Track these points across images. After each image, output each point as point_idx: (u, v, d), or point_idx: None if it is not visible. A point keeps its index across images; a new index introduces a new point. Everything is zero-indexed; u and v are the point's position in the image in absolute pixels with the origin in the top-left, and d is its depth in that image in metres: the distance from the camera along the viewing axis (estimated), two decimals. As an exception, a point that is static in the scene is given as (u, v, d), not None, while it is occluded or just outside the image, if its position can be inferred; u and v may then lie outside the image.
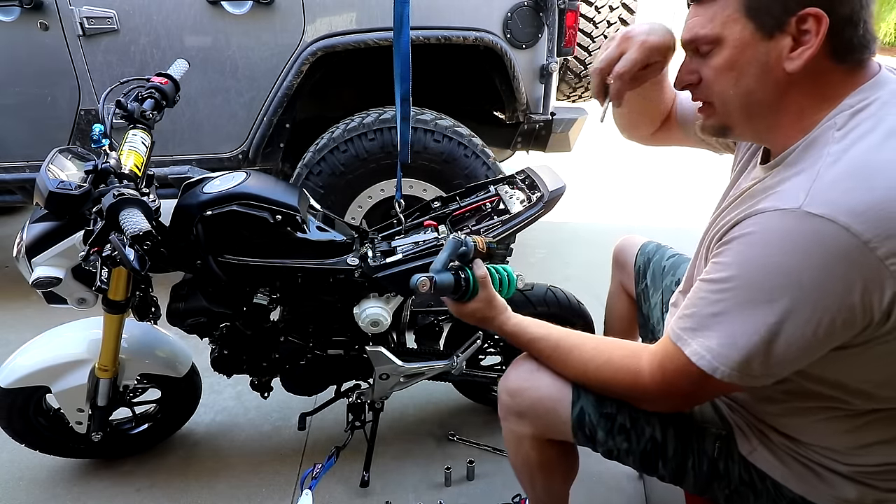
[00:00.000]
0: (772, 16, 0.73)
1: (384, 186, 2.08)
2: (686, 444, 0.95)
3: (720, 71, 0.79)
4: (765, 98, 0.77)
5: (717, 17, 0.77)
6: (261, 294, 1.31)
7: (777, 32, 0.73)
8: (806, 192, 0.69)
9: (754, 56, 0.75)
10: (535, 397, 0.98)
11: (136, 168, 1.16)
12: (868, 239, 0.66)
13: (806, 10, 0.70)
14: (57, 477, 1.59)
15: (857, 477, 0.85)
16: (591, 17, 2.64)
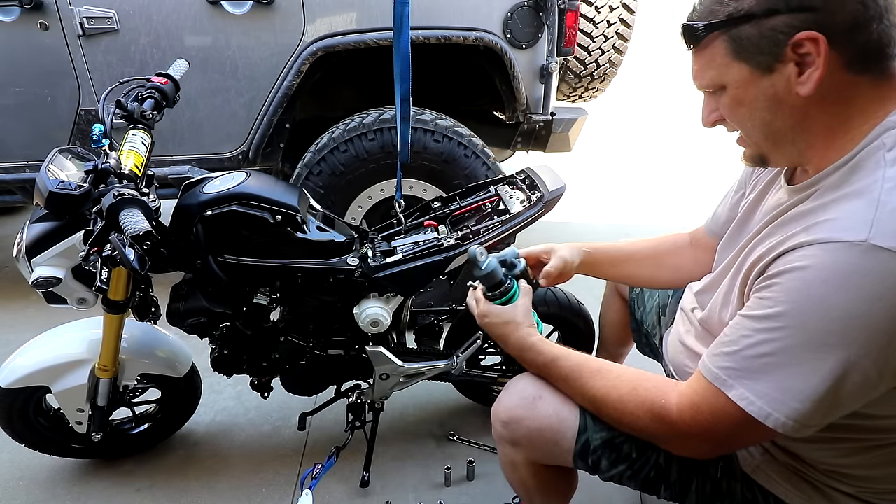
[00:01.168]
0: (762, 53, 0.70)
1: (384, 186, 2.08)
2: (689, 466, 0.92)
3: (732, 109, 0.77)
4: (784, 125, 0.74)
5: (711, 65, 0.76)
6: (261, 294, 1.31)
7: (776, 64, 0.70)
8: (870, 222, 0.62)
9: (760, 92, 0.73)
10: (535, 427, 0.93)
11: (136, 168, 1.16)
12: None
13: (796, 37, 0.67)
14: (57, 477, 1.59)
15: (862, 496, 0.83)
16: (591, 17, 2.64)
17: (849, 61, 0.68)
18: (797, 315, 0.66)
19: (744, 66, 0.72)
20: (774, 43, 0.68)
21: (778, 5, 0.68)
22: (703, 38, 0.75)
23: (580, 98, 3.05)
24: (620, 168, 4.68)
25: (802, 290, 0.66)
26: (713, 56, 0.75)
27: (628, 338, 1.50)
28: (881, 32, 0.67)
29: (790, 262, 0.68)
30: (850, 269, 0.63)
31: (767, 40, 0.69)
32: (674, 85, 8.94)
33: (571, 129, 2.41)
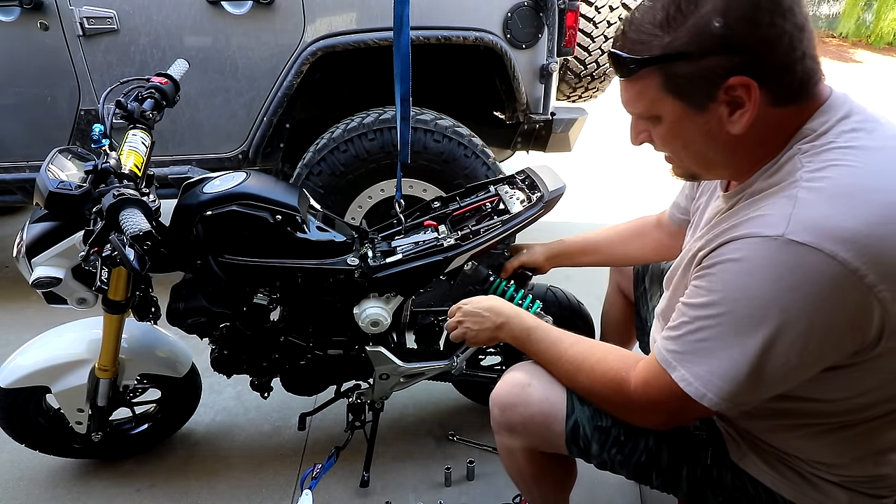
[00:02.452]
0: (696, 91, 0.71)
1: (384, 186, 2.07)
2: (680, 453, 0.94)
3: (665, 139, 0.79)
4: (717, 156, 0.78)
5: (643, 97, 0.76)
6: (261, 294, 1.31)
7: (709, 103, 0.72)
8: (787, 218, 0.67)
9: (693, 127, 0.75)
10: (527, 413, 0.97)
11: (136, 168, 1.16)
12: (856, 267, 0.64)
13: (730, 81, 0.69)
14: (57, 477, 1.59)
15: (848, 484, 0.85)
16: (591, 17, 2.64)
17: (775, 99, 0.71)
18: (726, 303, 0.72)
19: (677, 102, 0.74)
20: (709, 84, 0.70)
21: (712, 46, 0.68)
22: (635, 70, 0.74)
23: (580, 98, 3.05)
24: (620, 168, 4.68)
25: (729, 280, 0.72)
26: (646, 89, 0.75)
27: (631, 336, 1.50)
28: (804, 69, 0.70)
29: (720, 255, 0.73)
30: (769, 262, 0.68)
31: (702, 80, 0.70)
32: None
33: (571, 129, 2.41)
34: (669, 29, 0.70)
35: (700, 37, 0.68)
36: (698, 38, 0.68)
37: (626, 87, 0.78)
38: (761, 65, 0.68)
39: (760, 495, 0.91)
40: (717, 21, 0.67)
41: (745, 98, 0.69)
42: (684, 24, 0.69)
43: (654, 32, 0.71)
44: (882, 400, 0.77)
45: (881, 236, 0.65)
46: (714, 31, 0.67)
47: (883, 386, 0.76)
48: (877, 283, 0.65)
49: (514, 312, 1.06)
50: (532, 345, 1.01)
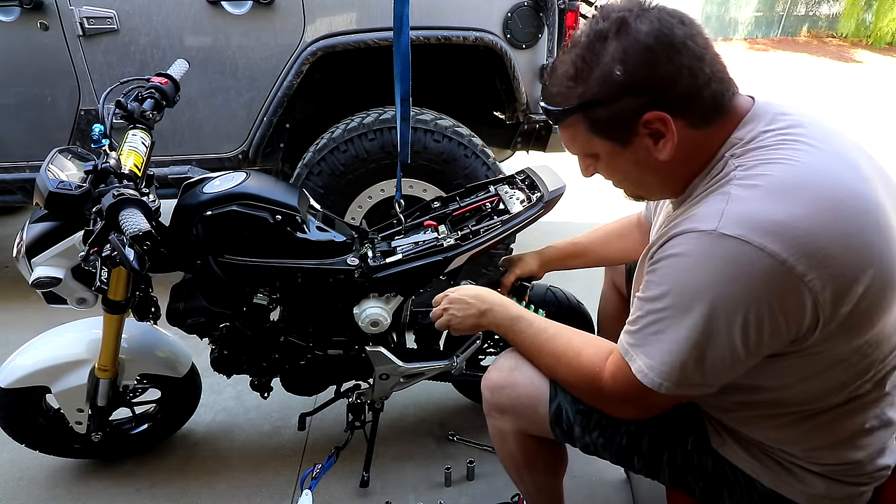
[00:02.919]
0: (617, 130, 0.79)
1: (384, 186, 2.07)
2: (661, 437, 0.97)
3: (607, 172, 0.88)
4: (653, 180, 0.86)
5: (576, 140, 0.85)
6: (261, 294, 1.31)
7: (632, 138, 0.79)
8: (720, 213, 0.72)
9: (625, 159, 0.83)
10: (514, 395, 1.01)
11: (136, 168, 1.16)
12: (784, 258, 0.68)
13: (643, 118, 0.76)
14: (57, 477, 1.59)
15: (824, 472, 0.87)
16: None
17: (693, 123, 0.77)
18: (670, 294, 0.76)
19: (605, 141, 0.81)
20: (625, 122, 0.77)
21: (619, 91, 0.75)
22: (562, 119, 0.83)
23: (580, 98, 3.04)
24: (620, 168, 4.68)
25: (671, 273, 0.77)
26: (575, 133, 0.83)
27: None
28: (714, 92, 0.76)
29: (665, 251, 0.78)
30: (704, 255, 0.73)
31: (618, 121, 0.78)
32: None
33: (571, 130, 2.41)
34: (580, 81, 0.78)
35: (606, 85, 0.76)
36: (605, 87, 0.76)
37: (561, 133, 0.87)
38: (668, 99, 0.75)
39: (740, 482, 0.93)
40: (618, 70, 0.74)
41: (664, 129, 0.76)
42: (591, 75, 0.77)
43: (568, 85, 0.80)
44: (838, 386, 0.80)
45: (808, 228, 0.68)
46: (617, 79, 0.75)
47: (831, 372, 0.78)
48: (806, 272, 0.68)
49: (499, 301, 1.08)
50: (515, 334, 1.04)
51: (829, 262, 0.69)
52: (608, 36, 0.75)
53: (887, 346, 0.78)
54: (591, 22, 0.79)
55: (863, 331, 0.74)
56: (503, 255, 2.23)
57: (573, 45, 0.80)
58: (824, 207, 0.70)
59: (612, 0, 0.80)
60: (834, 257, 0.69)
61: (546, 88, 0.85)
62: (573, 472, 1.58)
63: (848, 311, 0.71)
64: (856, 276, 0.70)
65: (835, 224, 0.69)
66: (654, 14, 0.75)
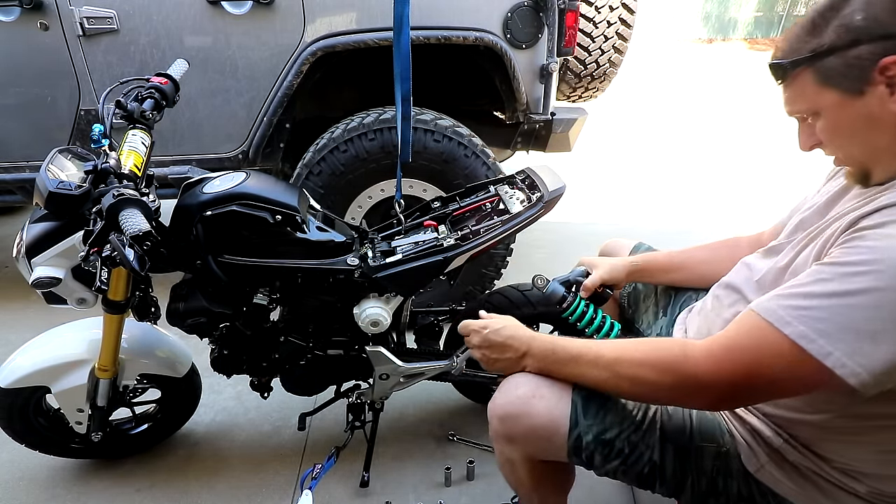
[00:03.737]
0: (850, 78, 0.74)
1: (384, 186, 2.07)
2: (685, 463, 0.93)
3: (830, 134, 0.80)
4: (884, 142, 0.76)
5: (802, 94, 0.80)
6: (261, 294, 1.31)
7: (866, 87, 0.73)
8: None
9: (855, 114, 0.76)
10: (529, 425, 0.94)
11: (136, 168, 1.16)
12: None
13: (882, 63, 0.70)
14: (57, 477, 1.59)
15: (872, 498, 0.84)
16: (591, 17, 2.64)
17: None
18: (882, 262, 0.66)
19: (834, 92, 0.76)
20: (861, 70, 0.73)
21: (859, 37, 0.72)
22: (789, 73, 0.79)
23: (580, 98, 3.05)
24: (620, 168, 4.68)
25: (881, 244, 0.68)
26: (802, 87, 0.79)
27: None
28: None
29: (876, 219, 0.70)
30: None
31: (854, 68, 0.73)
32: (673, 85, 8.93)
33: (571, 129, 2.41)
34: (816, 32, 0.75)
35: (845, 32, 0.72)
36: (843, 34, 0.72)
37: (784, 91, 0.83)
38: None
39: (768, 503, 0.91)
40: (859, 16, 0.71)
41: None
42: (828, 26, 0.74)
43: (803, 38, 0.77)
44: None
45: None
46: (857, 25, 0.71)
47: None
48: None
49: (530, 335, 0.99)
50: (558, 358, 0.95)
51: None
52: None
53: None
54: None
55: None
56: (503, 255, 2.25)
57: (813, 8, 0.77)
58: None
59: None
60: None
61: (777, 47, 0.81)
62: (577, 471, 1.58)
63: None
64: None
65: None
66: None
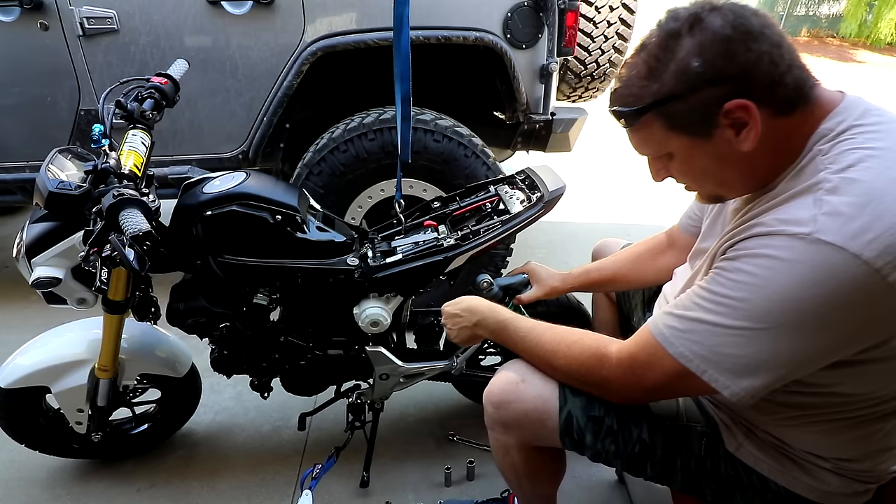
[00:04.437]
0: (696, 123, 0.75)
1: (384, 186, 2.07)
2: (674, 444, 0.96)
3: (683, 173, 0.84)
4: (734, 175, 0.80)
5: (650, 139, 0.81)
6: (261, 294, 1.31)
7: (713, 130, 0.75)
8: (814, 217, 0.69)
9: (705, 154, 0.79)
10: (521, 410, 0.98)
11: (136, 168, 1.16)
12: (880, 267, 0.66)
13: (725, 107, 0.72)
14: (57, 477, 1.59)
15: (841, 472, 0.88)
16: (591, 17, 2.64)
17: (776, 111, 0.74)
18: (748, 295, 0.73)
19: (682, 136, 0.78)
20: (706, 114, 0.74)
21: (698, 82, 0.72)
22: (635, 120, 0.79)
23: (580, 98, 3.05)
24: (620, 168, 4.68)
25: (752, 272, 0.73)
26: (650, 133, 0.80)
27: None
28: (795, 78, 0.73)
29: (745, 248, 0.74)
30: (795, 258, 0.69)
31: (698, 113, 0.74)
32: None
33: (571, 129, 2.41)
34: (654, 78, 0.75)
35: (684, 78, 0.73)
36: (683, 80, 0.73)
37: (632, 135, 0.84)
38: (750, 86, 0.72)
39: (754, 483, 0.93)
40: (695, 62, 0.72)
41: (746, 117, 0.73)
42: (666, 70, 0.74)
43: (642, 84, 0.77)
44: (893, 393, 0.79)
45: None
46: (695, 70, 0.72)
47: None
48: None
49: (488, 308, 1.09)
50: (509, 335, 1.04)
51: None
52: (681, 33, 0.73)
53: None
54: (659, 24, 0.77)
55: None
56: (503, 255, 2.25)
57: (642, 48, 0.78)
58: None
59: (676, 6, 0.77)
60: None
61: (615, 92, 0.81)
62: (574, 473, 1.58)
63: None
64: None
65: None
66: (726, 8, 0.73)
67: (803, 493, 0.90)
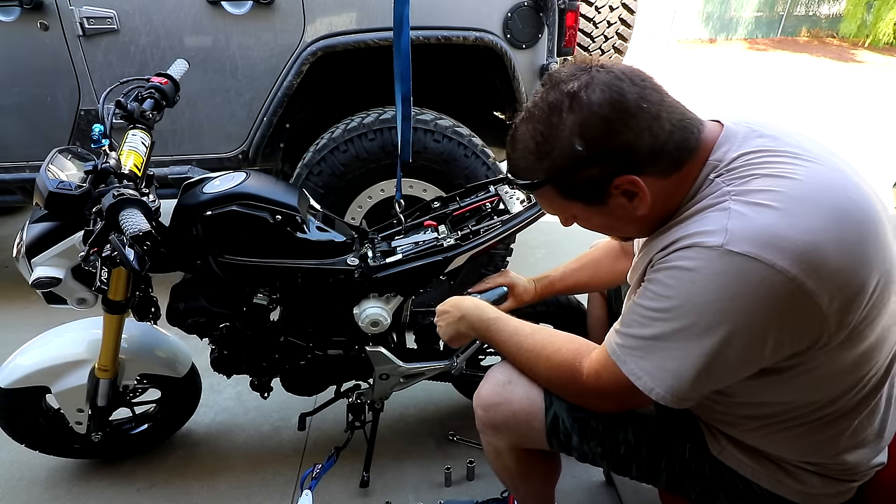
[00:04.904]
0: (589, 194, 0.80)
1: (384, 186, 2.07)
2: (659, 445, 0.97)
3: (588, 226, 0.90)
4: (635, 227, 0.86)
5: (552, 204, 0.86)
6: (261, 294, 1.31)
7: (606, 199, 0.80)
8: (724, 230, 0.71)
9: (604, 216, 0.84)
10: (509, 411, 0.99)
11: (136, 168, 1.16)
12: (795, 275, 0.68)
13: (614, 183, 0.77)
14: (57, 477, 1.59)
15: (822, 472, 0.89)
16: (591, 17, 2.64)
17: (664, 173, 0.78)
18: (671, 307, 0.76)
19: (579, 203, 0.83)
20: (597, 187, 0.79)
21: (585, 162, 0.76)
22: (532, 190, 0.85)
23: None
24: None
25: (674, 286, 0.76)
26: (551, 199, 0.85)
27: None
28: (677, 142, 0.76)
29: (671, 261, 0.77)
30: (710, 270, 0.72)
31: (590, 186, 0.79)
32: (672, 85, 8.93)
33: (571, 129, 2.41)
34: (543, 155, 0.79)
35: (570, 158, 0.76)
36: (569, 160, 0.77)
37: (536, 197, 0.89)
38: (634, 161, 0.75)
39: (738, 485, 0.95)
40: (578, 144, 0.75)
41: (635, 189, 0.77)
42: (553, 149, 0.78)
43: (534, 161, 0.81)
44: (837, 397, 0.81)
45: (814, 242, 0.68)
46: (579, 153, 0.75)
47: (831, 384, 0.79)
48: (815, 288, 0.68)
49: (473, 306, 1.11)
50: (493, 335, 1.05)
51: (836, 276, 0.69)
52: (562, 109, 0.75)
53: (883, 352, 0.79)
54: (543, 92, 0.79)
55: (863, 341, 0.75)
56: (503, 255, 2.25)
57: (529, 118, 0.80)
58: (828, 220, 0.69)
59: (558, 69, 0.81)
60: (840, 269, 0.69)
61: (512, 161, 0.85)
62: (574, 473, 1.58)
63: (852, 321, 0.72)
64: (861, 285, 0.70)
65: (839, 236, 0.69)
66: (602, 79, 0.74)
67: (787, 495, 0.91)
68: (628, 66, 0.78)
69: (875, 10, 11.28)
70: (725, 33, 12.62)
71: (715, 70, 9.64)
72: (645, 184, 0.76)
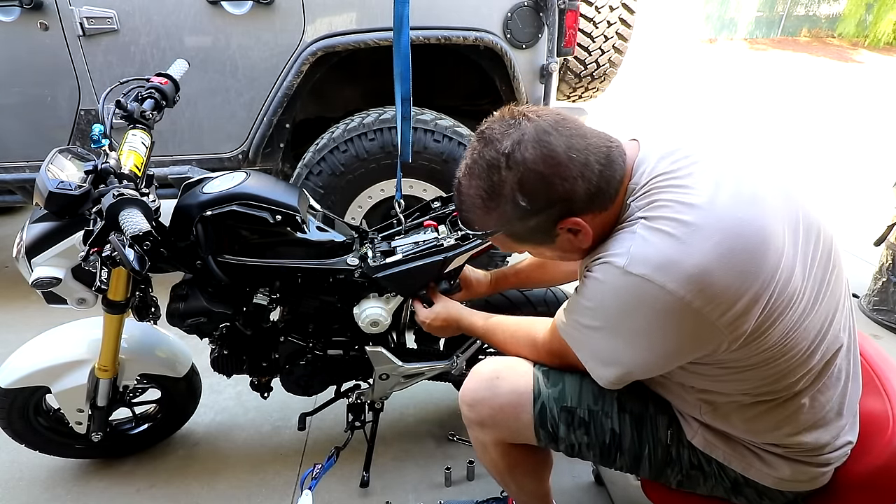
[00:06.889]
0: (537, 236, 0.89)
1: (384, 186, 2.08)
2: (641, 433, 1.01)
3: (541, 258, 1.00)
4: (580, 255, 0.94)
5: (505, 245, 0.95)
6: (261, 294, 1.31)
7: (554, 238, 0.89)
8: (628, 252, 0.80)
9: (553, 251, 0.93)
10: (496, 405, 1.03)
11: (136, 168, 1.16)
12: (682, 295, 0.76)
13: (558, 226, 0.85)
14: (57, 477, 1.59)
15: (790, 456, 0.92)
16: (591, 17, 2.64)
17: (602, 207, 0.86)
18: (591, 306, 0.88)
19: (529, 244, 0.93)
20: (543, 231, 0.88)
21: (529, 213, 0.84)
22: (485, 239, 0.96)
23: (580, 98, 3.05)
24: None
25: (596, 293, 0.86)
26: (502, 242, 0.94)
27: None
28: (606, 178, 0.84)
29: (593, 271, 0.87)
30: (614, 286, 0.82)
31: (537, 231, 0.88)
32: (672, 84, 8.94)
33: (571, 129, 2.41)
34: (490, 210, 0.87)
35: (515, 210, 0.85)
36: (514, 212, 0.85)
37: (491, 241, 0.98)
38: (573, 206, 0.83)
39: (714, 470, 0.99)
40: (521, 200, 0.83)
41: (578, 227, 0.85)
42: (499, 205, 0.86)
43: (481, 214, 0.89)
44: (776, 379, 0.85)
45: (702, 265, 0.75)
46: (523, 207, 0.84)
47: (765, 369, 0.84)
48: (703, 306, 0.76)
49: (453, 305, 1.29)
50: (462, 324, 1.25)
51: (723, 294, 0.75)
52: (500, 167, 0.83)
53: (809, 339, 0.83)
54: (479, 149, 0.86)
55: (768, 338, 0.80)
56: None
57: (470, 174, 0.87)
58: (718, 244, 0.76)
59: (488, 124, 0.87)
60: (727, 288, 0.75)
61: (462, 213, 0.93)
62: (574, 473, 1.58)
63: (748, 328, 0.78)
64: (752, 298, 0.76)
65: (728, 260, 0.75)
66: (531, 136, 0.81)
67: (760, 479, 0.95)
68: (552, 113, 0.86)
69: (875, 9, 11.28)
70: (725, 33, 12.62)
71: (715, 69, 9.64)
72: (586, 221, 0.85)
